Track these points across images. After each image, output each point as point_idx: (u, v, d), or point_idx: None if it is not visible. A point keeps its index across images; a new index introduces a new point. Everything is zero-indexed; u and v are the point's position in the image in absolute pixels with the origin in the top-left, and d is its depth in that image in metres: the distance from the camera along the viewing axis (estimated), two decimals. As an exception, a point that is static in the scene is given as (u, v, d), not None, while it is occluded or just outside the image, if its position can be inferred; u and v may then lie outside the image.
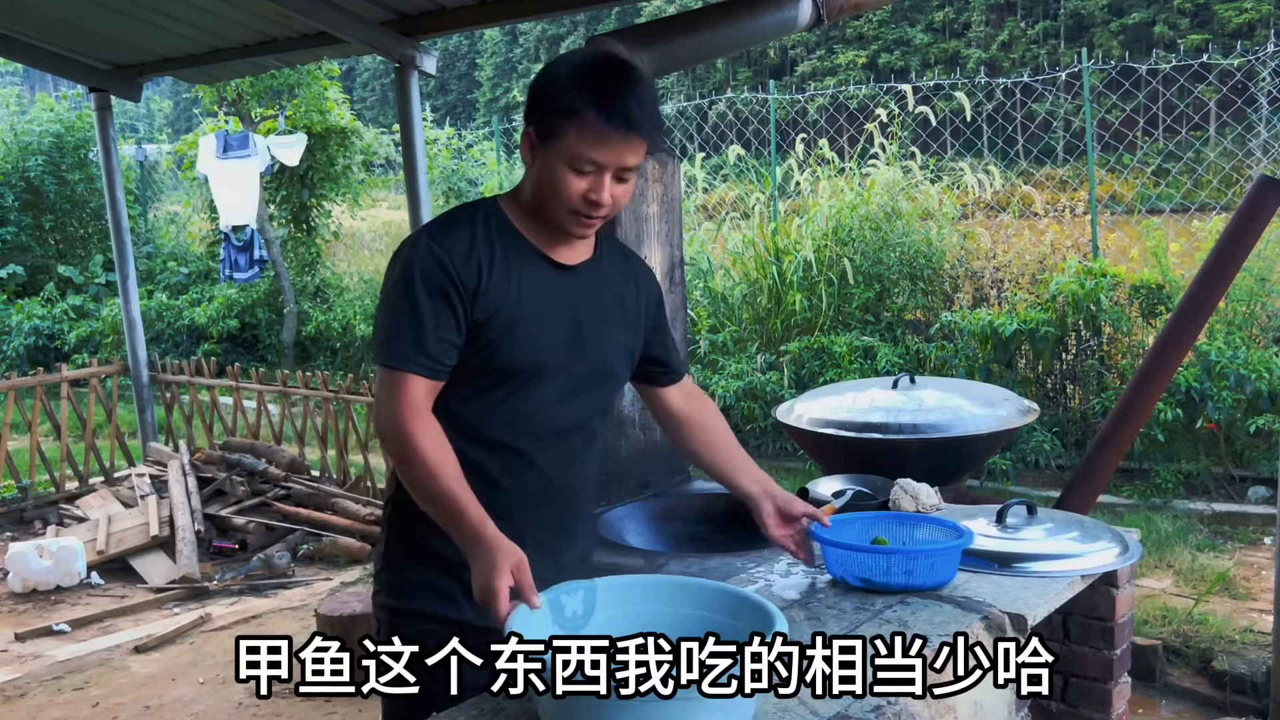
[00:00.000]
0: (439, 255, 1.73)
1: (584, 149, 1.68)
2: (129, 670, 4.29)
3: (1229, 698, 3.83)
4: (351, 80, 44.86)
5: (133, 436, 7.23)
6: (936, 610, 1.91)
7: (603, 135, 1.67)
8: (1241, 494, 5.62)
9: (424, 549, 1.83)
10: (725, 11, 3.57)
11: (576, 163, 1.70)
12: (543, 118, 1.72)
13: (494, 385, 1.79)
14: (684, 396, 2.11)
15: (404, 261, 1.76)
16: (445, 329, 1.73)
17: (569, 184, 1.71)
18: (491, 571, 1.56)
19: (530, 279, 1.79)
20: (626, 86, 1.69)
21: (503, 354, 1.77)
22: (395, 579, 1.88)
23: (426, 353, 1.72)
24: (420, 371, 1.72)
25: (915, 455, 3.07)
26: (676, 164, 3.30)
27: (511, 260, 1.78)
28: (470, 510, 1.65)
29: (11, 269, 11.59)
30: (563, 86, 1.70)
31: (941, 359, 6.40)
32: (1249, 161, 7.83)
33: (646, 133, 1.70)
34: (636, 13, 29.14)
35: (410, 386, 1.72)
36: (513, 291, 1.77)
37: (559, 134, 1.69)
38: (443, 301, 1.72)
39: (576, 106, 1.67)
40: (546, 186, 1.74)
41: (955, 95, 7.98)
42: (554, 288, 1.82)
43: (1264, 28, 28.98)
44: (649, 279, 2.03)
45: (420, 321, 1.72)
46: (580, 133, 1.67)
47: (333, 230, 11.04)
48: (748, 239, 7.70)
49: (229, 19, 5.43)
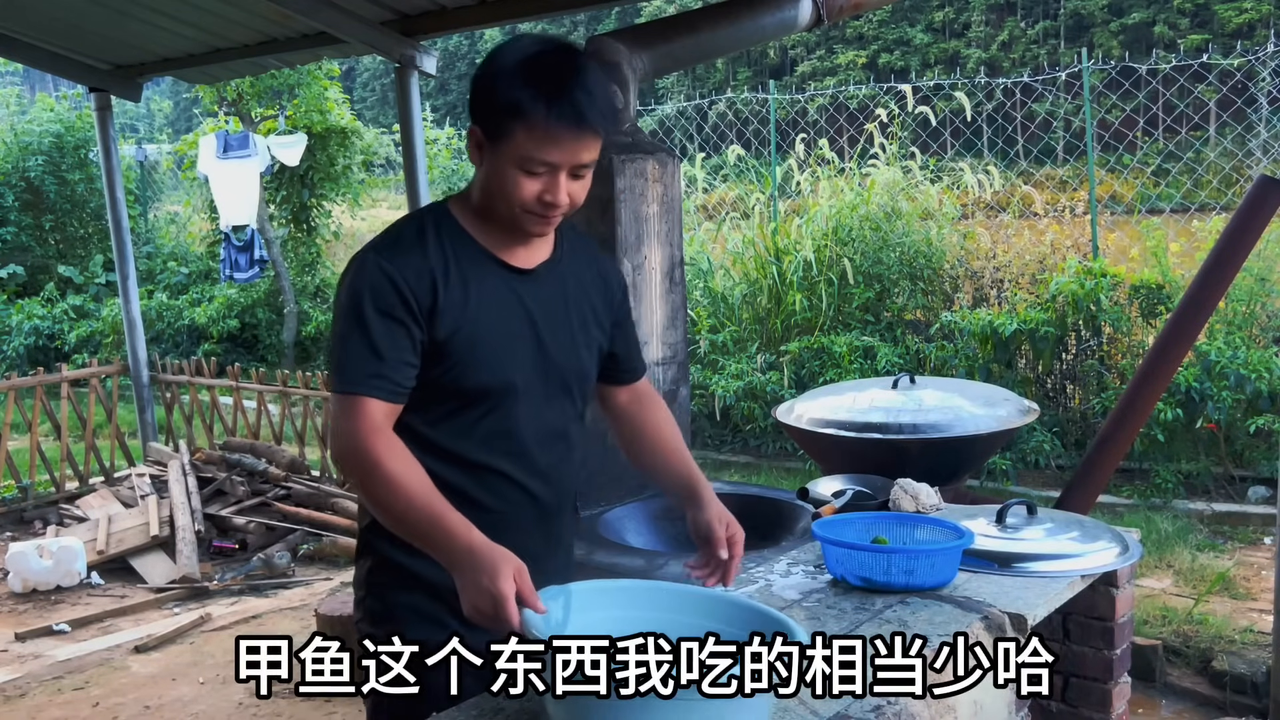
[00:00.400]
0: (388, 273, 1.63)
1: (534, 150, 1.58)
2: (129, 670, 4.29)
3: (1229, 698, 3.83)
4: (351, 80, 44.85)
5: (133, 436, 7.23)
6: (937, 610, 1.91)
7: (553, 134, 1.56)
8: (1241, 494, 5.62)
9: (407, 573, 1.74)
10: (725, 11, 3.57)
11: (528, 164, 1.59)
12: (488, 116, 1.61)
13: (464, 406, 1.71)
14: (631, 398, 1.98)
15: (351, 282, 1.65)
16: (400, 350, 1.63)
17: (521, 186, 1.61)
18: (495, 578, 1.48)
19: (488, 289, 1.70)
20: (575, 78, 1.57)
21: (468, 375, 1.68)
22: (378, 605, 1.79)
23: (382, 375, 1.62)
24: (377, 395, 1.62)
25: (915, 455, 3.07)
26: (676, 164, 3.30)
27: (466, 270, 1.68)
28: (451, 520, 1.56)
29: (11, 269, 11.59)
30: (507, 82, 1.57)
31: (941, 359, 6.40)
32: (1249, 161, 7.83)
33: (600, 126, 1.60)
34: (636, 13, 29.15)
35: (368, 409, 1.62)
36: (471, 307, 1.67)
37: (506, 134, 1.58)
38: (396, 322, 1.62)
39: (523, 104, 1.55)
40: (497, 189, 1.64)
41: (955, 95, 7.98)
42: (513, 296, 1.72)
43: (1264, 28, 28.97)
44: (613, 272, 1.94)
45: (373, 344, 1.62)
46: (529, 132, 1.57)
47: (333, 230, 11.05)
48: (748, 239, 7.70)
49: (229, 19, 5.43)
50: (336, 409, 1.65)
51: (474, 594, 1.50)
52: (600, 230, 3.10)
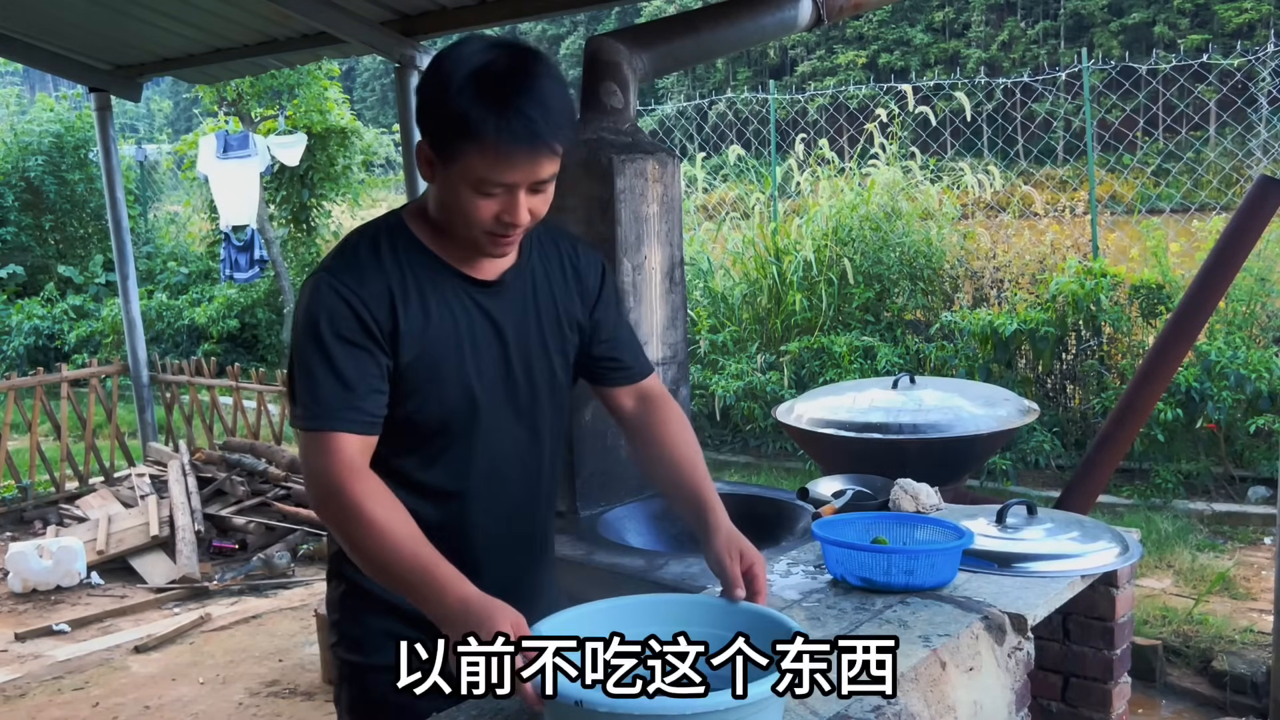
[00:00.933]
0: (345, 296, 1.51)
1: (487, 171, 1.45)
2: (129, 670, 4.29)
3: (1229, 698, 3.83)
4: (351, 80, 44.83)
5: (133, 436, 7.23)
6: (937, 610, 1.91)
7: (507, 154, 1.44)
8: (1241, 494, 5.62)
9: (377, 599, 1.67)
10: (725, 11, 3.57)
11: (482, 186, 1.47)
12: (437, 133, 1.47)
13: (431, 433, 1.61)
14: (639, 403, 1.83)
15: (306, 309, 1.53)
16: (368, 378, 1.52)
17: (477, 208, 1.49)
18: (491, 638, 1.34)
19: (449, 306, 1.59)
20: (525, 90, 1.44)
21: (431, 400, 1.59)
22: (354, 629, 1.72)
23: (354, 406, 1.50)
24: (351, 428, 1.50)
25: (915, 455, 3.07)
26: (676, 164, 3.30)
27: (425, 287, 1.57)
28: (442, 572, 1.43)
29: (11, 269, 11.60)
30: (454, 96, 1.43)
31: (941, 359, 6.40)
32: (1249, 161, 7.82)
33: (557, 140, 1.47)
34: (636, 13, 29.13)
35: (342, 446, 1.49)
36: (432, 328, 1.57)
37: (457, 154, 1.46)
38: (360, 349, 1.51)
39: (471, 121, 1.42)
40: (452, 210, 1.52)
41: (955, 95, 7.98)
42: (476, 310, 1.62)
43: (1264, 28, 28.96)
44: (589, 263, 1.79)
45: (341, 374, 1.50)
46: (480, 153, 1.44)
47: (333, 230, 11.04)
48: (748, 239, 7.70)
49: (229, 19, 5.43)
50: (306, 448, 1.52)
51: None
52: (600, 230, 3.10)
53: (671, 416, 1.82)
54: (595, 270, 1.80)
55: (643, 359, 1.88)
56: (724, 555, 1.60)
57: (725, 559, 1.60)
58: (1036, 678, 2.14)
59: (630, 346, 1.86)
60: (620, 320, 1.85)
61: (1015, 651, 1.91)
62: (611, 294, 1.82)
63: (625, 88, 3.27)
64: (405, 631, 1.51)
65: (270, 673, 4.22)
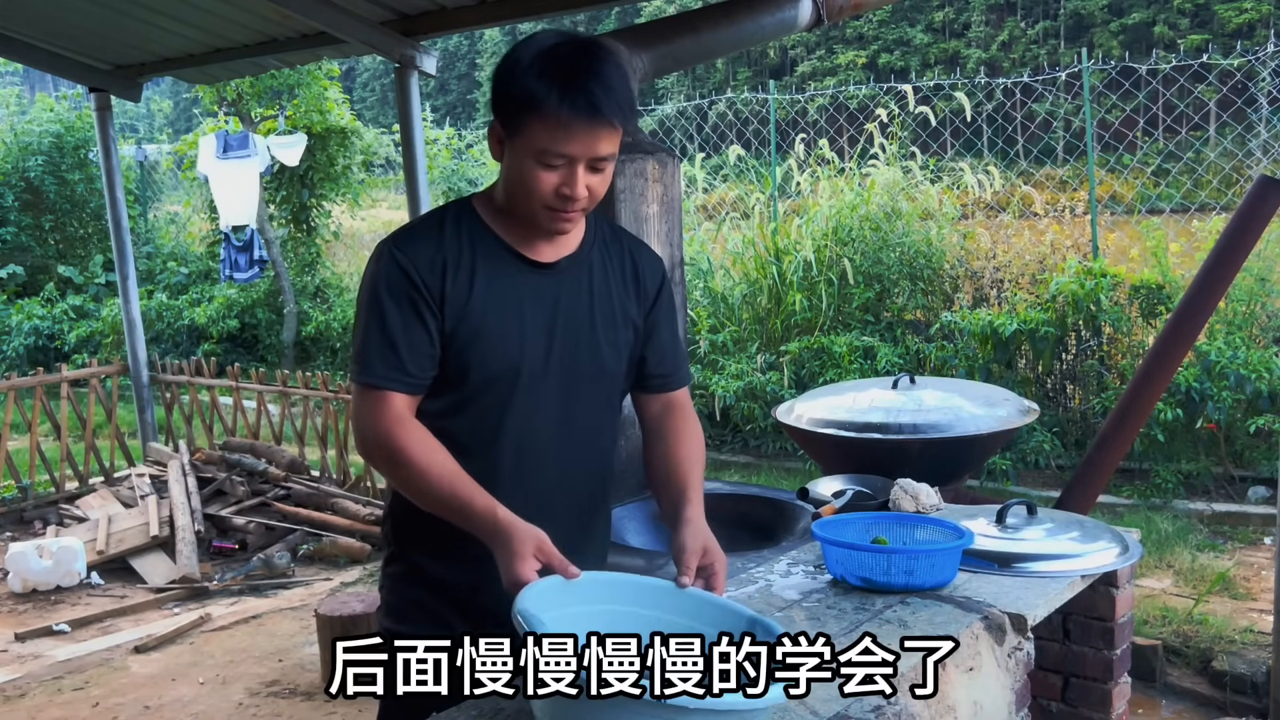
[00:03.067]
0: (402, 263, 1.65)
1: (549, 142, 1.57)
2: (129, 670, 4.29)
3: (1229, 698, 3.83)
4: (351, 80, 44.86)
5: (133, 436, 7.23)
6: (937, 610, 1.91)
7: (567, 125, 1.55)
8: (1241, 494, 5.62)
9: (418, 570, 1.79)
10: (725, 11, 3.57)
11: (544, 157, 1.59)
12: (506, 110, 1.61)
13: (475, 395, 1.71)
14: (662, 409, 1.89)
15: (370, 273, 1.69)
16: (418, 341, 1.65)
17: (538, 180, 1.60)
18: (512, 561, 1.51)
19: (500, 281, 1.70)
20: (589, 69, 1.56)
21: (473, 363, 1.68)
22: (392, 599, 1.84)
23: (402, 368, 1.65)
24: (398, 388, 1.65)
25: (915, 455, 3.07)
26: (676, 164, 3.30)
27: (479, 262, 1.69)
28: (477, 501, 1.59)
29: (11, 269, 11.59)
30: (522, 74, 1.57)
31: (941, 359, 6.40)
32: (1249, 161, 7.82)
33: (617, 118, 1.58)
34: (636, 13, 29.15)
35: (390, 402, 1.65)
36: (475, 299, 1.67)
37: (522, 127, 1.59)
38: (412, 312, 1.65)
39: (537, 95, 1.55)
40: (516, 183, 1.64)
41: (955, 95, 7.98)
42: (528, 288, 1.71)
43: (1264, 28, 28.98)
44: (650, 266, 1.87)
45: (391, 335, 1.64)
46: (543, 124, 1.56)
47: (333, 230, 11.05)
48: (748, 239, 7.70)
49: (229, 19, 5.43)
50: (357, 400, 1.68)
51: (503, 573, 1.53)
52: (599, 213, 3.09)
53: (688, 424, 1.88)
54: (656, 275, 1.87)
55: (684, 369, 1.94)
56: (687, 544, 1.65)
57: (687, 548, 1.65)
58: (1036, 678, 2.14)
59: (671, 355, 1.90)
60: (673, 329, 1.90)
61: (1015, 651, 1.91)
62: (669, 301, 1.88)
63: (625, 88, 3.27)
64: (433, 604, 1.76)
65: (270, 673, 4.22)
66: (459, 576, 1.77)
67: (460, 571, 1.76)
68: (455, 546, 1.72)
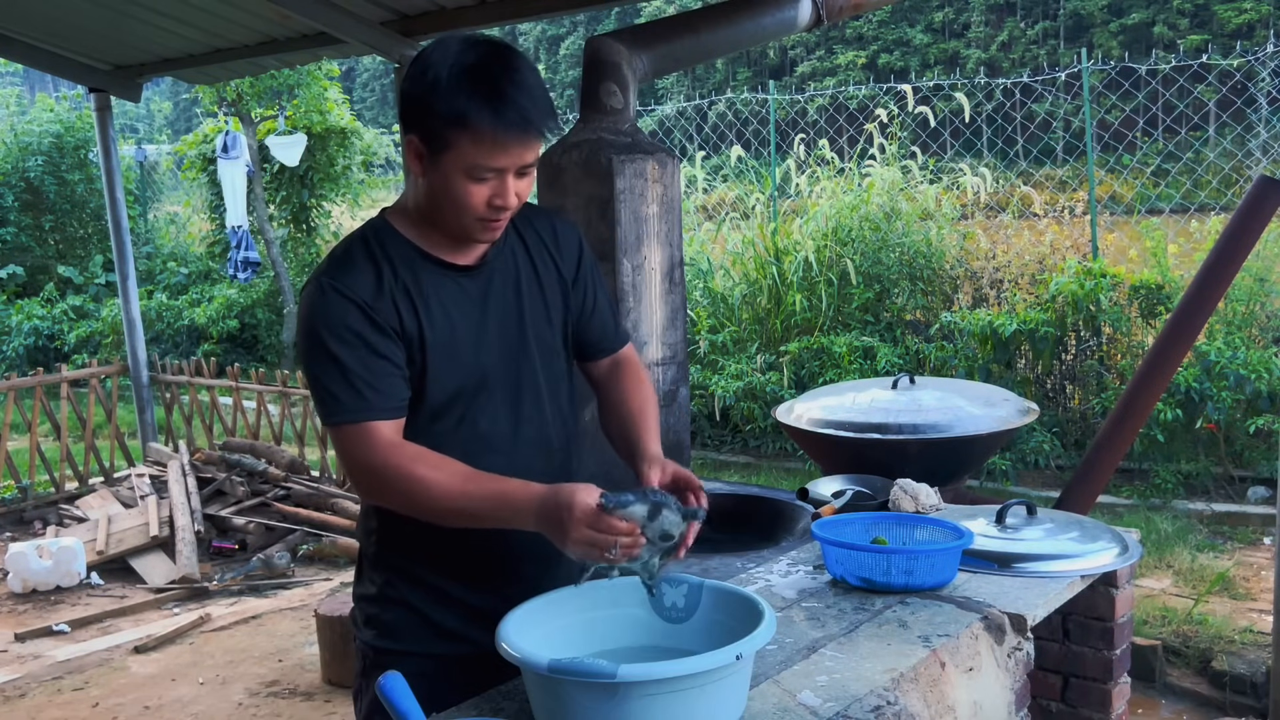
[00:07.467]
0: (346, 294, 1.60)
1: (481, 157, 1.55)
2: (129, 670, 4.29)
3: (1229, 698, 3.83)
4: (351, 80, 44.84)
5: (132, 437, 7.23)
6: (936, 610, 1.91)
7: (501, 141, 1.54)
8: (1241, 494, 5.63)
9: (417, 581, 1.75)
10: (725, 11, 3.57)
11: (475, 171, 1.57)
12: (429, 127, 1.56)
13: (439, 414, 1.68)
14: (610, 368, 1.90)
15: (310, 313, 1.61)
16: (380, 369, 1.60)
17: (469, 193, 1.58)
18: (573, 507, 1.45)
19: (440, 295, 1.68)
20: (514, 81, 1.55)
21: (436, 384, 1.66)
22: (386, 616, 1.77)
23: (377, 391, 1.59)
24: (377, 416, 1.59)
25: (915, 455, 3.07)
26: (676, 164, 3.30)
27: (411, 278, 1.65)
28: (506, 488, 1.55)
29: (11, 269, 11.60)
30: (446, 92, 1.53)
31: (941, 359, 6.40)
32: (1249, 161, 7.82)
33: (546, 127, 1.59)
34: (636, 13, 29.13)
35: (374, 432, 1.59)
36: (429, 315, 1.65)
37: (451, 144, 1.55)
38: (364, 345, 1.59)
39: (467, 114, 1.52)
40: (444, 198, 1.61)
41: (955, 95, 7.97)
42: (462, 294, 1.70)
43: (1264, 28, 28.97)
44: (567, 234, 1.86)
45: (349, 370, 1.58)
46: (475, 141, 1.54)
47: (333, 231, 11.05)
48: (747, 239, 7.70)
49: (229, 19, 5.43)
50: (339, 443, 1.61)
51: (567, 535, 1.47)
52: (600, 230, 3.10)
53: (635, 375, 1.89)
54: (574, 241, 1.87)
55: (622, 329, 1.95)
56: (651, 476, 1.65)
57: (652, 480, 1.64)
58: (1036, 678, 2.14)
59: (608, 317, 1.91)
60: (603, 291, 1.90)
61: (1015, 651, 1.91)
62: (591, 263, 1.88)
63: (625, 88, 3.27)
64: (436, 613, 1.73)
65: (270, 673, 4.22)
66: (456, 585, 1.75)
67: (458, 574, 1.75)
68: (452, 553, 1.72)
